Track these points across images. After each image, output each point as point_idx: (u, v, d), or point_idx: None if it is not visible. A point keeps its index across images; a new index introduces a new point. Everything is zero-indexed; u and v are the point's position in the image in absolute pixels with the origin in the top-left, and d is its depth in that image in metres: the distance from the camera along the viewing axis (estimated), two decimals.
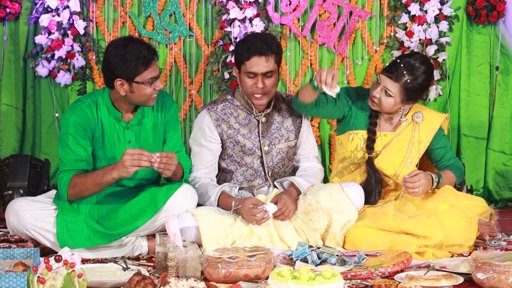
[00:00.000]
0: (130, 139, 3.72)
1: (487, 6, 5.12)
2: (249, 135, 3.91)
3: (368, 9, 5.15)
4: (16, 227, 3.57)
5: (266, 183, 3.97)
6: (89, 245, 3.53)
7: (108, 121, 3.70)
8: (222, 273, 3.10)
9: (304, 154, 4.05)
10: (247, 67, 3.79)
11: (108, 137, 3.69)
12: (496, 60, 5.24)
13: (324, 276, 2.69)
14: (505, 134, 5.29)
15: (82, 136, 3.63)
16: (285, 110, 3.99)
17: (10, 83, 5.14)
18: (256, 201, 3.72)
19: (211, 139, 3.90)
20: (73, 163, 3.61)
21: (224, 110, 3.91)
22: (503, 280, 2.96)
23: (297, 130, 4.00)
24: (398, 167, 3.88)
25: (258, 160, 3.94)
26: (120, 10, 5.10)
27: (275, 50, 3.81)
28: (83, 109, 3.66)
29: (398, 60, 3.77)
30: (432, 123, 3.92)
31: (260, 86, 3.79)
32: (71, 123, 3.63)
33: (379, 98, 3.77)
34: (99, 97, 3.70)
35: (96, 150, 3.69)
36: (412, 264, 3.36)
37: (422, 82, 3.75)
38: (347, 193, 3.74)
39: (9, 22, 5.09)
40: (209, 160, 3.92)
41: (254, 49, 3.77)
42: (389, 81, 3.73)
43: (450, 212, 3.69)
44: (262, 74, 3.78)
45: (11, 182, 4.67)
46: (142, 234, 3.66)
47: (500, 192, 5.29)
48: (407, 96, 3.76)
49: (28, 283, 2.71)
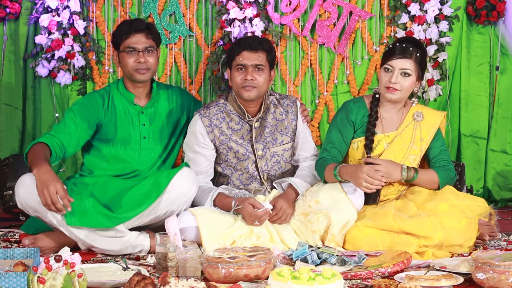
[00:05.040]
0: (144, 123, 3.97)
1: (487, 6, 5.12)
2: (241, 141, 3.91)
3: (368, 9, 5.14)
4: (26, 200, 3.62)
5: (263, 187, 3.97)
6: (94, 225, 3.59)
7: (122, 105, 3.96)
8: (222, 273, 3.10)
9: (303, 153, 4.05)
10: (237, 61, 3.83)
11: (121, 120, 3.93)
12: (496, 60, 5.24)
13: (324, 276, 2.69)
14: (505, 134, 5.29)
15: (81, 116, 3.85)
16: (279, 113, 3.98)
17: (10, 83, 5.14)
18: (254, 202, 3.72)
19: (203, 145, 3.90)
20: (58, 132, 3.80)
21: (216, 115, 3.91)
22: (503, 280, 2.96)
23: (292, 132, 4.00)
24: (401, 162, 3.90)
25: (252, 165, 3.94)
26: (120, 10, 5.10)
27: (266, 48, 3.87)
28: (94, 96, 3.96)
29: (397, 43, 3.89)
30: (432, 121, 3.97)
31: (249, 78, 3.80)
32: (78, 103, 3.94)
33: (399, 82, 3.83)
34: (113, 87, 4.00)
35: (105, 134, 3.92)
36: (412, 264, 3.36)
37: (424, 54, 3.91)
38: (347, 194, 3.74)
39: (9, 22, 5.09)
40: (205, 165, 3.93)
41: (245, 44, 3.86)
42: (402, 61, 3.83)
43: (451, 212, 3.70)
44: (252, 67, 3.80)
45: (11, 182, 4.65)
46: (146, 220, 3.70)
47: (500, 192, 5.29)
48: (421, 71, 3.88)
49: (28, 283, 2.71)
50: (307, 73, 5.18)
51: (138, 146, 3.96)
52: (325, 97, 5.18)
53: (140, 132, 3.97)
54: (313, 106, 5.19)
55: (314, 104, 5.19)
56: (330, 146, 3.93)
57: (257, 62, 3.82)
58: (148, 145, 3.98)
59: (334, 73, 5.16)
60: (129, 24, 3.93)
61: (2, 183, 4.70)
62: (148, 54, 3.90)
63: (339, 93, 5.20)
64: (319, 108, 5.19)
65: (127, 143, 3.95)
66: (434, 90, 5.13)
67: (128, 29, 3.90)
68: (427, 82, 5.09)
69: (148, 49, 3.90)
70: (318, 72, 5.17)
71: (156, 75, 5.07)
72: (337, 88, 5.20)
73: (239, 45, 3.87)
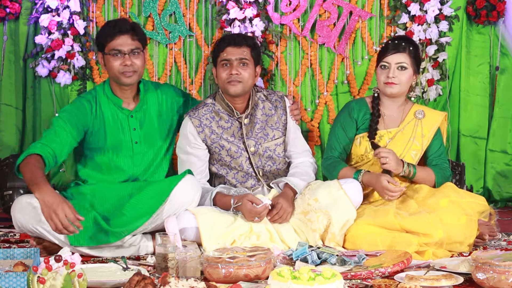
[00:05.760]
0: (135, 127, 3.84)
1: (487, 6, 5.12)
2: (232, 139, 3.91)
3: (368, 9, 5.14)
4: (23, 224, 3.56)
5: (259, 184, 3.97)
6: (97, 243, 3.53)
7: (110, 111, 3.82)
8: (222, 273, 3.10)
9: (294, 149, 4.06)
10: (222, 57, 3.85)
11: (110, 127, 3.79)
12: (496, 60, 5.24)
13: (324, 276, 2.69)
14: (505, 134, 5.28)
15: (71, 122, 3.72)
16: (268, 108, 3.99)
17: (10, 83, 5.14)
18: (252, 198, 3.72)
19: (196, 146, 3.90)
20: (49, 141, 3.64)
21: (205, 115, 3.91)
22: (503, 280, 2.96)
23: (283, 127, 4.00)
24: (402, 157, 3.95)
25: (246, 162, 3.94)
26: (120, 10, 5.09)
27: (250, 44, 3.89)
28: (82, 103, 3.81)
29: (390, 41, 4.03)
30: (433, 119, 4.07)
31: (234, 73, 3.81)
32: (66, 110, 3.79)
33: (397, 77, 3.93)
34: (99, 91, 3.85)
35: (95, 143, 3.79)
36: (412, 264, 3.36)
37: (417, 49, 4.03)
38: (346, 191, 3.75)
39: (9, 22, 5.09)
40: (199, 166, 3.93)
41: (229, 40, 3.87)
42: (397, 55, 3.95)
43: (451, 208, 3.72)
44: (237, 61, 3.81)
45: (11, 182, 4.66)
46: (149, 228, 3.67)
47: (500, 192, 5.29)
48: (416, 64, 4.00)
49: (28, 283, 2.71)
50: (307, 73, 5.18)
51: (131, 152, 3.85)
52: (325, 97, 5.18)
53: (131, 137, 3.85)
54: (313, 106, 5.19)
55: (314, 104, 5.19)
56: (336, 144, 4.03)
57: (241, 56, 3.83)
58: (141, 150, 3.86)
59: (334, 73, 5.17)
60: (113, 26, 3.77)
61: (2, 183, 4.70)
62: (134, 56, 3.75)
63: (339, 93, 5.20)
64: (319, 108, 5.19)
65: (118, 150, 3.82)
66: (434, 90, 5.13)
67: (112, 30, 3.75)
68: (427, 82, 5.09)
69: (134, 51, 3.75)
70: (318, 72, 5.17)
71: (156, 75, 5.08)
72: (337, 88, 5.20)
73: (223, 41, 3.89)
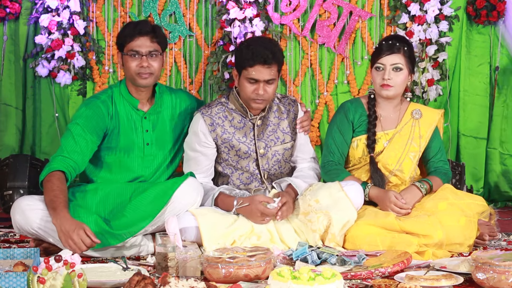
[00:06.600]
0: (147, 129, 3.83)
1: (487, 6, 5.12)
2: (244, 139, 3.90)
3: (368, 9, 5.14)
4: (23, 226, 3.55)
5: (263, 186, 3.97)
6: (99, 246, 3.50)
7: (126, 111, 3.81)
8: (222, 273, 3.10)
9: (301, 155, 4.05)
10: (250, 73, 3.73)
11: (124, 127, 3.79)
12: (496, 60, 5.24)
13: (324, 276, 2.68)
14: (505, 134, 5.29)
15: (90, 130, 3.69)
16: (281, 112, 3.98)
17: (10, 83, 5.14)
18: (264, 198, 3.71)
19: (205, 144, 3.88)
20: (70, 152, 3.62)
21: (218, 114, 3.88)
22: (503, 280, 2.96)
23: (293, 132, 4.00)
24: (401, 160, 3.94)
25: (253, 163, 3.93)
26: (120, 10, 5.10)
27: (279, 60, 3.79)
28: (97, 105, 3.77)
29: (383, 42, 3.98)
30: (430, 119, 4.02)
31: (260, 93, 3.76)
32: (83, 115, 3.72)
33: (393, 78, 3.89)
34: (115, 90, 3.83)
35: (109, 143, 3.78)
36: (412, 264, 3.36)
37: (411, 48, 3.98)
38: (347, 193, 3.74)
39: (9, 22, 5.09)
40: (205, 165, 3.91)
41: (259, 57, 3.71)
42: (392, 56, 3.90)
43: (450, 211, 3.72)
44: (264, 82, 3.76)
45: (11, 182, 4.66)
46: (150, 230, 3.67)
47: (500, 192, 5.29)
48: (411, 64, 3.95)
49: (28, 283, 2.71)
50: (307, 73, 5.18)
51: (141, 153, 3.84)
52: (325, 97, 5.18)
53: (144, 138, 3.84)
54: (313, 106, 5.19)
55: (314, 104, 5.19)
56: (334, 148, 3.99)
57: (269, 77, 3.76)
58: (151, 152, 3.86)
59: (334, 73, 5.17)
60: (134, 26, 3.77)
61: (2, 183, 4.70)
62: (152, 58, 3.73)
63: (339, 93, 5.20)
64: (319, 108, 5.19)
65: (130, 150, 3.81)
66: (434, 90, 5.13)
67: (133, 31, 3.74)
68: (427, 82, 5.09)
69: (152, 53, 3.73)
70: (318, 72, 5.17)
71: None
72: (337, 88, 5.20)
73: (252, 57, 3.72)
